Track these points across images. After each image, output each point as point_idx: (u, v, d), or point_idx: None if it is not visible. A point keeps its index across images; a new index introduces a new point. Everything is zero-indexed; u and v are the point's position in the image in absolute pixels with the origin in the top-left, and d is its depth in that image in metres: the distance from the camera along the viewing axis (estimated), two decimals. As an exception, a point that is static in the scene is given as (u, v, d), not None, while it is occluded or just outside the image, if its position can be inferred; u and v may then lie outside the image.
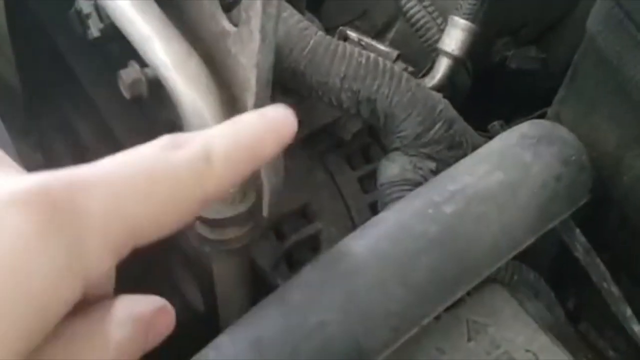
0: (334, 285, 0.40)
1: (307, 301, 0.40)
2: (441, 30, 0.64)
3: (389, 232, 0.44)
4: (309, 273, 0.42)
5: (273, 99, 0.58)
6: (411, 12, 0.65)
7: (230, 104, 0.54)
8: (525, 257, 0.52)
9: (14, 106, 0.69)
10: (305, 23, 0.58)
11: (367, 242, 0.43)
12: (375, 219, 0.46)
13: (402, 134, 0.59)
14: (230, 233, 0.56)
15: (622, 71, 0.45)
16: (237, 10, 0.54)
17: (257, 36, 0.47)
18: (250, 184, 0.57)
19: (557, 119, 0.54)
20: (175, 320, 0.28)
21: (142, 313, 0.26)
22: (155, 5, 0.54)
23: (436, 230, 0.43)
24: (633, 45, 0.44)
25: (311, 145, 0.68)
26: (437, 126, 0.59)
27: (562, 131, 0.50)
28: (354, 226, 0.69)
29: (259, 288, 0.66)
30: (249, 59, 0.50)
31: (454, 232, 0.43)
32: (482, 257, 0.44)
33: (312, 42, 0.57)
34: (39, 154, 0.79)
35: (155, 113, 0.74)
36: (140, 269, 0.79)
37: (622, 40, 0.45)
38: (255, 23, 0.47)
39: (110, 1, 0.54)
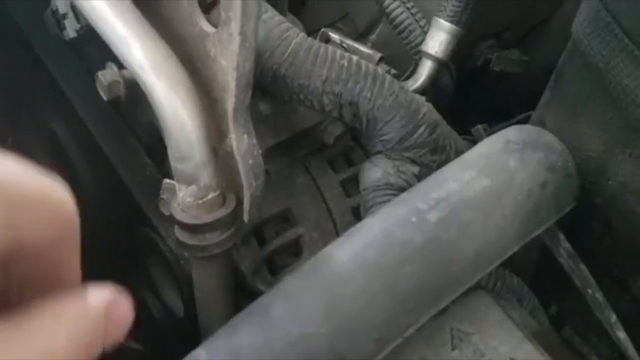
0: (317, 296, 0.39)
1: (289, 312, 0.39)
2: (424, 33, 0.63)
3: (373, 241, 0.43)
4: (291, 282, 0.41)
5: (253, 102, 0.57)
6: (394, 13, 0.64)
7: (210, 106, 0.53)
8: (509, 263, 0.52)
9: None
10: (287, 25, 0.57)
11: (351, 250, 0.42)
12: (358, 225, 0.45)
13: (385, 137, 0.58)
14: (211, 239, 0.55)
15: (609, 75, 0.45)
16: (217, 11, 0.53)
17: (236, 38, 0.46)
18: (231, 188, 0.55)
19: (542, 123, 0.53)
20: (156, 325, 0.28)
21: (96, 302, 0.26)
22: (132, 6, 0.53)
23: (421, 239, 0.42)
24: (620, 49, 0.43)
25: (292, 150, 0.67)
26: (420, 130, 0.58)
27: (548, 137, 0.49)
28: (336, 230, 0.68)
29: (240, 293, 0.65)
30: (228, 61, 0.49)
31: (439, 241, 0.43)
32: (467, 266, 0.44)
33: (293, 44, 0.56)
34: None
35: (133, 114, 0.73)
36: (120, 274, 0.77)
37: (608, 44, 0.44)
38: (235, 24, 0.46)
39: (86, 1, 0.52)
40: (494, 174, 0.46)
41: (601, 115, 0.49)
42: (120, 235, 0.77)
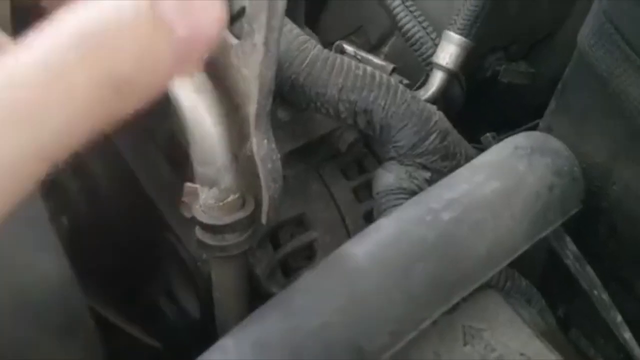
0: (336, 289, 0.42)
1: (309, 304, 0.41)
2: (435, 45, 0.66)
3: (389, 238, 0.45)
4: (310, 277, 0.43)
5: (272, 109, 0.59)
6: (406, 27, 0.67)
7: (232, 113, 0.55)
8: (517, 265, 0.54)
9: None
10: (305, 37, 0.60)
11: (368, 247, 0.44)
12: (374, 225, 0.48)
13: (398, 144, 0.60)
14: (230, 239, 0.57)
15: (613, 84, 0.47)
16: (239, 24, 0.56)
17: (260, 48, 0.48)
18: (250, 191, 0.58)
19: (549, 130, 0.56)
20: (172, 326, 0.27)
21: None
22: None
23: (434, 236, 0.44)
24: (623, 59, 0.46)
25: (307, 156, 0.70)
26: (431, 137, 0.60)
27: (555, 143, 0.52)
28: (348, 235, 0.70)
29: (254, 296, 0.67)
30: (251, 70, 0.51)
31: (452, 239, 0.45)
32: (479, 264, 0.46)
33: (310, 55, 0.59)
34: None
35: (154, 123, 0.75)
36: (137, 277, 0.79)
37: (612, 55, 0.47)
38: (259, 36, 0.48)
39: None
40: (504, 177, 0.48)
41: (606, 122, 0.51)
42: (138, 239, 0.79)
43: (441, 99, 0.67)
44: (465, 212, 0.46)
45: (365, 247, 0.44)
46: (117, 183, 0.79)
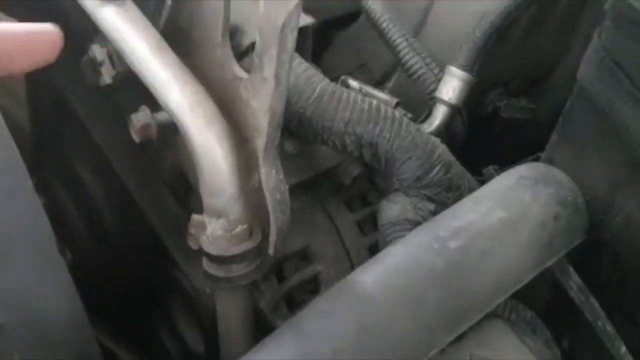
0: (347, 316, 0.42)
1: (321, 330, 0.41)
2: (438, 80, 0.67)
3: (398, 266, 0.46)
4: (322, 302, 0.44)
5: (280, 142, 0.61)
6: (409, 63, 0.69)
7: (241, 145, 0.56)
8: (521, 296, 0.54)
9: (22, 149, 0.71)
10: (312, 71, 0.61)
11: (378, 275, 0.45)
12: (383, 252, 0.48)
13: (403, 176, 0.61)
14: (237, 270, 0.58)
15: (613, 117, 0.49)
16: (249, 58, 0.57)
17: (271, 82, 0.50)
18: (257, 221, 0.58)
19: (551, 162, 0.57)
20: None
21: None
22: (171, 52, 0.57)
23: (443, 264, 0.45)
24: (623, 93, 0.47)
25: (312, 189, 0.71)
26: (435, 169, 0.61)
27: (558, 174, 0.53)
28: (352, 268, 0.71)
29: (258, 330, 0.67)
30: (261, 103, 0.53)
31: (460, 267, 0.46)
32: (487, 292, 0.46)
33: (318, 89, 0.60)
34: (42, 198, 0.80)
35: (158, 157, 0.76)
36: (139, 313, 0.79)
37: (612, 89, 0.48)
38: (270, 70, 0.50)
39: (129, 47, 0.57)
40: (510, 207, 0.49)
41: (607, 154, 0.53)
42: (141, 273, 0.79)
43: (444, 133, 0.68)
44: (473, 240, 0.47)
45: (375, 274, 0.45)
46: (122, 216, 0.79)
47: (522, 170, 0.53)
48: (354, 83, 0.67)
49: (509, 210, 0.49)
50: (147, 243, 0.74)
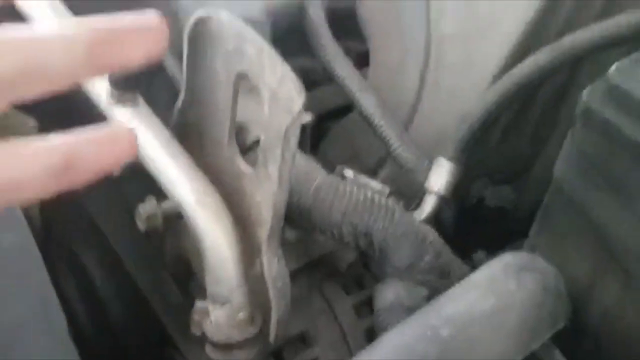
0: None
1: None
2: (429, 169, 0.72)
3: (393, 354, 0.49)
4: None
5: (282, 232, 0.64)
6: (400, 156, 0.74)
7: (244, 234, 0.60)
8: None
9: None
10: (311, 165, 0.66)
11: (375, 362, 0.48)
12: (378, 341, 0.51)
13: (396, 263, 0.65)
14: (239, 356, 0.61)
15: (589, 212, 0.53)
16: (253, 153, 0.62)
17: (275, 179, 0.54)
18: (258, 307, 0.61)
19: (533, 250, 0.61)
20: None
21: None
22: (179, 147, 0.61)
23: (436, 352, 0.48)
24: (598, 190, 0.52)
25: (310, 274, 0.74)
26: (427, 257, 0.65)
27: (541, 262, 0.57)
28: (349, 351, 0.73)
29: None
30: (265, 197, 0.57)
31: (452, 354, 0.49)
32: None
33: (316, 182, 0.65)
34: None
35: (162, 246, 0.79)
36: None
37: (587, 186, 0.53)
38: (274, 167, 0.54)
39: (140, 145, 0.61)
40: (497, 295, 0.53)
41: (585, 246, 0.56)
42: (143, 357, 0.81)
43: (434, 220, 0.72)
44: (463, 328, 0.50)
45: (372, 361, 0.48)
46: (125, 303, 0.81)
47: (507, 259, 0.57)
48: (349, 173, 0.71)
49: (496, 298, 0.52)
50: (150, 330, 0.76)
